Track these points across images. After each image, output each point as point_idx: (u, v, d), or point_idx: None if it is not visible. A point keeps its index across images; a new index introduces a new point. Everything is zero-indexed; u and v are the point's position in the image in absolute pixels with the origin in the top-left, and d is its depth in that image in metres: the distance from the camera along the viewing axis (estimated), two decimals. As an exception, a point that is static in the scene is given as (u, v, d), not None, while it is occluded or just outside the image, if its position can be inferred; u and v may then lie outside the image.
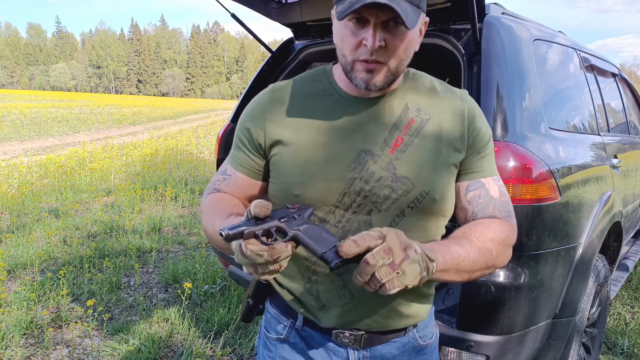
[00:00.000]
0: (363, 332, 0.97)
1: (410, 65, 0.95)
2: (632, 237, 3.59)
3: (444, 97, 0.98)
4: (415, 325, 1.02)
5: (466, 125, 0.96)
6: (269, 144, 0.96)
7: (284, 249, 0.73)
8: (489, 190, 0.97)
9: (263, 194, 1.05)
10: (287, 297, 1.01)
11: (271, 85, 1.03)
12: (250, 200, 1.02)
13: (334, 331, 0.98)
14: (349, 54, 0.86)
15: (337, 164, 0.91)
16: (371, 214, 0.91)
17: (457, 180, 0.97)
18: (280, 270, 0.75)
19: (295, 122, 0.95)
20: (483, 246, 0.88)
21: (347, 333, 0.97)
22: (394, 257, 0.71)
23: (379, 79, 0.87)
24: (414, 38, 0.87)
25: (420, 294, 0.99)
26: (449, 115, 0.96)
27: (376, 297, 0.88)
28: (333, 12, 0.89)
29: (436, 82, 1.01)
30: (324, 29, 2.53)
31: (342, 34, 0.86)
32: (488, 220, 0.93)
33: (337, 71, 0.98)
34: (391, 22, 0.82)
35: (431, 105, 0.96)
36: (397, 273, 0.71)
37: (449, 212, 0.97)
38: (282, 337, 1.04)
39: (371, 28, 0.82)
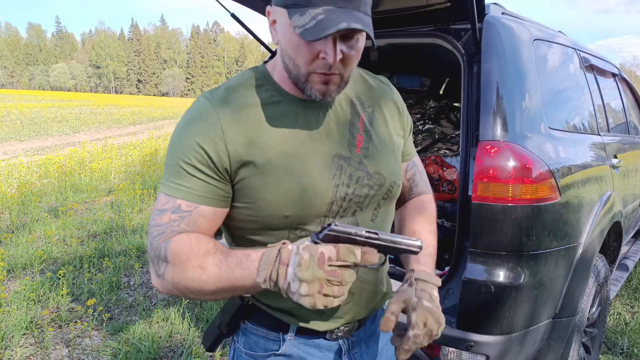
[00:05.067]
0: (355, 322, 1.01)
1: (410, 65, 0.96)
2: (632, 237, 3.59)
3: (376, 87, 1.03)
4: None
5: (401, 112, 1.05)
6: (236, 167, 0.86)
7: (373, 252, 0.76)
8: (418, 167, 1.13)
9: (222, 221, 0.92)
10: (277, 314, 0.96)
11: (209, 96, 0.90)
12: (213, 231, 0.90)
13: (328, 330, 0.99)
14: (304, 66, 0.82)
15: (319, 175, 0.89)
16: (355, 214, 0.94)
17: None
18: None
19: (259, 137, 0.87)
20: (434, 230, 1.06)
21: (341, 327, 0.99)
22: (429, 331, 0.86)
23: (335, 89, 0.86)
24: (363, 44, 0.86)
25: (387, 268, 1.07)
26: (385, 104, 1.02)
27: (370, 287, 0.98)
28: (273, 11, 0.85)
29: (361, 71, 1.04)
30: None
31: (296, 43, 0.81)
32: (432, 210, 1.09)
33: (276, 74, 0.92)
34: (348, 34, 0.81)
35: (369, 97, 1.00)
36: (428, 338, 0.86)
37: None
38: (276, 352, 0.98)
39: (331, 42, 0.79)
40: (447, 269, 1.85)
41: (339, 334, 0.99)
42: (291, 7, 0.79)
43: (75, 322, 2.85)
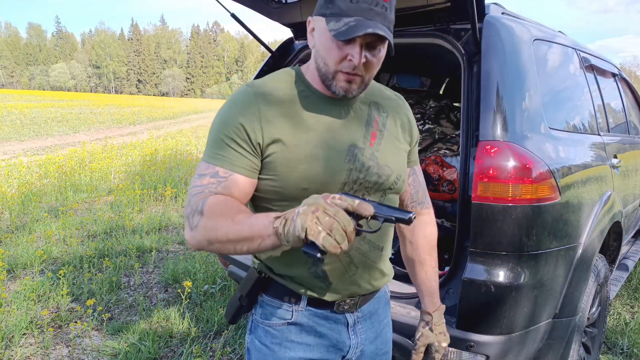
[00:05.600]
0: (359, 296, 1.15)
1: (411, 65, 1.01)
2: (632, 237, 3.59)
3: (391, 98, 1.21)
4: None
5: (410, 122, 1.22)
6: (267, 143, 1.01)
7: (369, 208, 0.87)
8: (418, 175, 1.28)
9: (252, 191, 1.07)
10: (290, 284, 1.09)
11: (251, 85, 1.07)
12: (244, 201, 1.04)
13: (335, 302, 1.11)
14: (332, 65, 1.00)
15: (336, 158, 1.04)
16: (364, 197, 1.05)
17: None
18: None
19: (289, 121, 1.03)
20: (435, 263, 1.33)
21: (347, 300, 1.13)
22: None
23: (356, 88, 1.03)
24: (384, 55, 1.03)
25: (389, 255, 1.22)
26: (397, 114, 1.19)
27: (372, 265, 1.13)
28: (314, 20, 1.04)
29: (380, 85, 1.23)
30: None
31: (329, 46, 0.99)
32: (434, 239, 1.32)
33: (308, 74, 1.10)
34: (372, 43, 0.98)
35: (385, 105, 1.18)
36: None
37: None
38: (290, 320, 1.11)
39: (358, 47, 0.97)
40: (447, 269, 1.85)
41: (345, 307, 1.13)
42: (329, 16, 0.98)
43: (75, 322, 2.85)
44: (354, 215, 0.85)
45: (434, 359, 1.29)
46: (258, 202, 1.09)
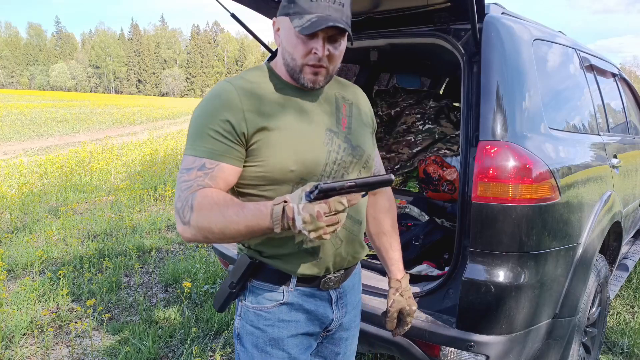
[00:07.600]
0: (342, 271, 1.24)
1: (411, 65, 1.03)
2: (632, 237, 3.59)
3: (350, 88, 1.32)
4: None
5: (370, 110, 1.34)
6: (252, 132, 1.08)
7: (357, 195, 0.98)
8: (378, 157, 1.43)
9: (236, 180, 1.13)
10: (280, 264, 1.16)
11: (229, 81, 1.14)
12: (228, 188, 1.11)
13: (322, 279, 1.20)
14: (299, 59, 1.10)
15: (316, 141, 1.14)
16: (343, 176, 1.18)
17: None
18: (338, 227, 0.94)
19: (271, 111, 1.11)
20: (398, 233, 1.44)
21: (332, 277, 1.21)
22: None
23: (322, 79, 1.13)
24: (344, 48, 1.14)
25: (364, 229, 1.32)
26: (359, 101, 1.31)
27: (353, 237, 1.22)
28: (278, 20, 1.13)
29: (339, 78, 1.34)
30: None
31: (294, 42, 1.09)
32: (395, 212, 1.44)
33: (277, 69, 1.19)
34: (333, 36, 1.08)
35: (347, 94, 1.29)
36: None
37: None
38: (282, 301, 1.18)
39: (321, 40, 1.07)
40: (447, 269, 1.85)
41: (330, 284, 1.22)
42: (293, 14, 1.07)
43: (75, 322, 2.85)
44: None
45: (407, 322, 1.38)
46: (243, 189, 1.14)
